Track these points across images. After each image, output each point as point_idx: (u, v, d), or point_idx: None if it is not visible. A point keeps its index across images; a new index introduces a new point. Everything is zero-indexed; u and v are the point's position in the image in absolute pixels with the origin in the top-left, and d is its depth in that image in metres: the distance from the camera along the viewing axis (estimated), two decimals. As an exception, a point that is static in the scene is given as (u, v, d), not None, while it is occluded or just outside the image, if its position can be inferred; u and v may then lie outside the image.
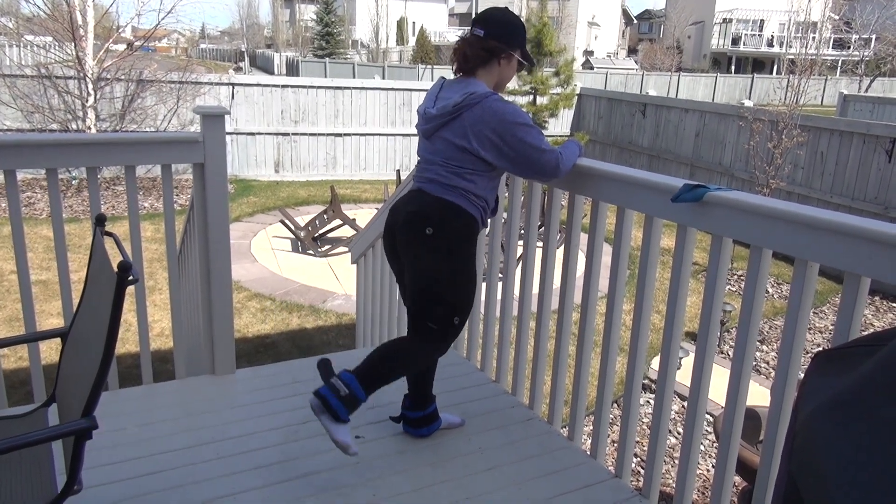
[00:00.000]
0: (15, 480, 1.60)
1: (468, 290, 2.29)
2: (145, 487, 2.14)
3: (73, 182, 10.22)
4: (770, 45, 42.25)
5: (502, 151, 2.19)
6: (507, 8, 2.41)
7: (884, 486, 0.66)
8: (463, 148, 2.20)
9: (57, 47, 11.36)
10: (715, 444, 4.37)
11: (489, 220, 2.68)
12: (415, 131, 2.43)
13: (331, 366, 2.21)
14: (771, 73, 37.76)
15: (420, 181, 2.30)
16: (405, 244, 2.27)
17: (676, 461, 4.26)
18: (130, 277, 1.43)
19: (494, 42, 2.24)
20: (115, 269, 1.44)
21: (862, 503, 0.67)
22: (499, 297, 2.94)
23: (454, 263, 2.23)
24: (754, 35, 43.63)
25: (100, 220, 1.88)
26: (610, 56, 48.92)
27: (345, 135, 12.55)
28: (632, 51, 54.39)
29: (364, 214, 9.60)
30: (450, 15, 53.57)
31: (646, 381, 5.16)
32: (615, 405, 4.76)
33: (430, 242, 2.20)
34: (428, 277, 2.22)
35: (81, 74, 9.97)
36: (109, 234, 1.84)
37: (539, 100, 10.89)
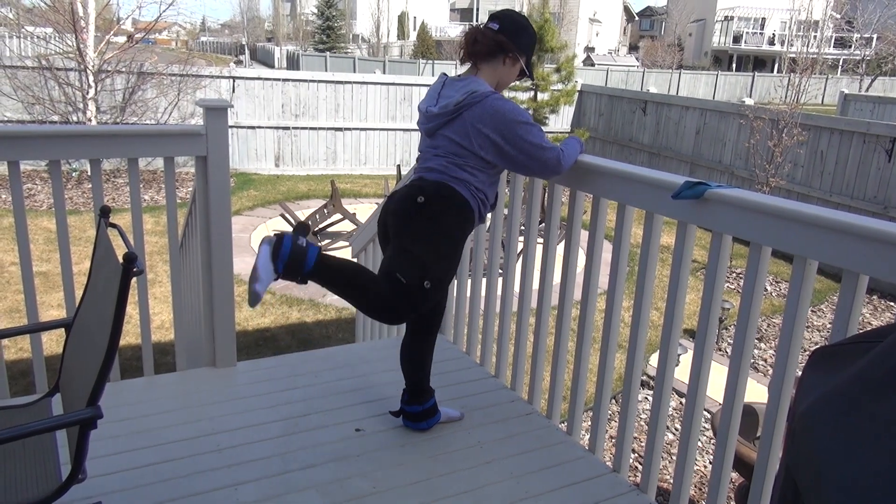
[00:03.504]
0: (20, 469, 1.61)
1: (446, 263, 2.24)
2: (147, 478, 2.16)
3: (73, 174, 10.22)
4: (771, 43, 42.24)
5: (503, 150, 2.21)
6: (523, 14, 2.43)
7: (875, 480, 0.67)
8: (464, 146, 2.22)
9: (57, 39, 11.33)
10: (712, 441, 4.39)
11: (487, 217, 2.69)
12: (415, 126, 2.43)
13: (307, 232, 2.18)
14: (772, 71, 37.75)
15: (421, 171, 2.31)
16: (395, 216, 2.25)
17: (674, 457, 4.28)
18: (136, 268, 1.44)
19: (505, 38, 2.26)
20: (121, 260, 1.45)
21: (855, 497, 0.69)
22: (499, 292, 2.95)
23: (439, 231, 2.21)
24: (755, 33, 43.60)
25: (104, 212, 1.89)
26: (611, 53, 48.86)
27: (345, 129, 12.55)
28: (633, 48, 54.33)
29: (364, 209, 9.61)
30: (451, 10, 53.40)
31: (644, 378, 5.18)
32: (614, 401, 4.79)
33: (420, 211, 2.20)
34: (409, 235, 2.21)
35: (82, 66, 9.96)
36: (113, 226, 1.85)
37: (540, 96, 10.89)
